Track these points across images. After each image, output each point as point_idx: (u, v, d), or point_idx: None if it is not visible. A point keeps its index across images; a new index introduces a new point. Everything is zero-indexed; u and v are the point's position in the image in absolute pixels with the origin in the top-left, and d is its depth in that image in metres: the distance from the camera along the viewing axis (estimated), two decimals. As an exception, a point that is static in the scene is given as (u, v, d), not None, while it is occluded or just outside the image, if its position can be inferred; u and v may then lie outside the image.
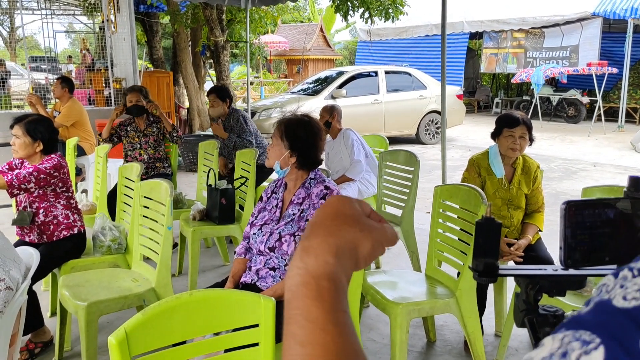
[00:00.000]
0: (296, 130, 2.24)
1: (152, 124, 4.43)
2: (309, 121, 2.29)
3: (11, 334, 1.65)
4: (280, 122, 2.28)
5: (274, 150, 2.25)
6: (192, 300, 1.39)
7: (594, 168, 8.09)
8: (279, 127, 2.26)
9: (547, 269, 0.91)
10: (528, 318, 0.88)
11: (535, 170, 2.98)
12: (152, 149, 4.40)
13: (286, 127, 2.24)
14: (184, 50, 9.78)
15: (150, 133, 4.42)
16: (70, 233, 2.88)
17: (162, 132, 4.43)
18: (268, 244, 2.19)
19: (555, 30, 13.66)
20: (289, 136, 2.22)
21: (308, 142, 2.25)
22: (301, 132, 2.24)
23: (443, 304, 2.50)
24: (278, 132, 2.25)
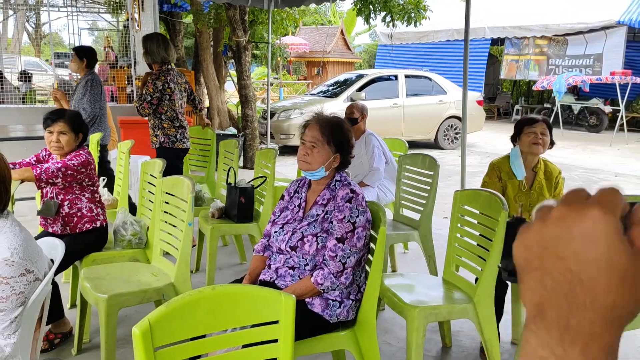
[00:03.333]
0: (342, 133, 2.24)
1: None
2: (345, 123, 2.30)
3: (35, 322, 1.69)
4: (322, 126, 2.21)
5: (319, 154, 2.19)
6: (214, 295, 1.41)
7: (615, 178, 7.98)
8: (322, 132, 2.20)
9: None
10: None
11: (557, 175, 2.95)
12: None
13: (332, 131, 2.21)
14: (206, 49, 9.88)
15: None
16: (93, 226, 2.93)
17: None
18: (290, 243, 2.20)
19: (579, 38, 13.50)
20: (336, 140, 2.21)
21: (350, 145, 2.26)
22: (346, 135, 2.25)
23: (460, 309, 2.49)
24: (322, 136, 2.19)
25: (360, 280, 2.24)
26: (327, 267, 2.10)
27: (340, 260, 2.10)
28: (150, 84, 4.05)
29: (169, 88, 4.08)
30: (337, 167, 2.27)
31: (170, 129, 4.25)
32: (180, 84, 4.26)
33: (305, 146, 2.22)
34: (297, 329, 2.06)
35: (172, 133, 4.25)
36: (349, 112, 4.24)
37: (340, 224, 2.12)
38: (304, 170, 2.24)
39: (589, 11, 13.47)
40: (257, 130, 8.06)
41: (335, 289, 2.13)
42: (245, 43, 7.62)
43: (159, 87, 4.05)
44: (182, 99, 4.30)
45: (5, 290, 1.56)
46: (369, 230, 2.20)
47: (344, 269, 2.10)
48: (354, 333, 2.21)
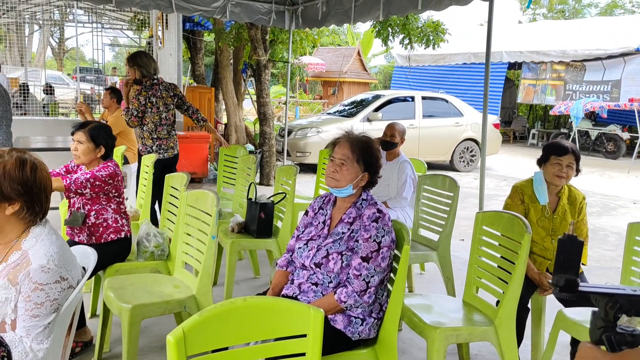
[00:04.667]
0: (371, 153, 2.26)
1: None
2: (374, 143, 2.33)
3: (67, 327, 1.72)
4: (352, 145, 2.23)
5: (348, 172, 2.21)
6: (245, 306, 1.43)
7: (633, 205, 7.90)
8: (352, 150, 2.22)
9: (625, 289, 0.94)
10: (606, 335, 0.91)
11: (582, 201, 2.95)
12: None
13: (361, 150, 2.24)
14: (226, 67, 10.03)
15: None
16: (118, 237, 2.97)
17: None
18: (314, 259, 2.21)
19: (597, 64, 13.50)
20: (366, 159, 2.24)
21: (378, 165, 2.29)
22: (375, 155, 2.27)
23: (481, 331, 2.48)
24: (352, 154, 2.21)
25: (382, 299, 2.24)
26: (350, 285, 2.11)
27: (364, 279, 2.11)
28: (135, 99, 4.39)
29: (150, 102, 4.40)
30: (364, 186, 2.29)
31: (147, 139, 4.57)
32: (166, 98, 4.51)
33: (335, 163, 2.24)
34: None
35: (149, 144, 4.56)
36: (390, 134, 4.16)
37: (366, 243, 2.14)
38: (332, 187, 2.26)
39: (608, 38, 13.50)
40: (274, 147, 8.13)
41: (358, 307, 2.14)
42: (265, 62, 7.73)
43: (142, 101, 4.39)
44: (167, 111, 4.53)
45: (40, 297, 1.59)
46: (393, 250, 2.22)
47: (367, 288, 2.11)
48: (374, 351, 2.21)
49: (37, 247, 1.65)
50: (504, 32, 16.27)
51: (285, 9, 6.54)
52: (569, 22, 20.35)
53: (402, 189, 4.02)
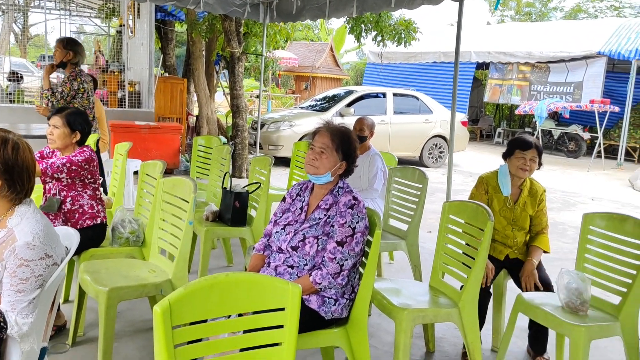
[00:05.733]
0: (349, 143, 2.37)
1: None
2: (352, 133, 2.44)
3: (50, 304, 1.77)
4: (332, 134, 2.33)
5: (327, 160, 2.31)
6: (228, 281, 1.52)
7: (591, 201, 8.25)
8: (332, 139, 2.33)
9: None
10: None
11: (542, 194, 3.13)
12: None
13: (341, 139, 2.35)
14: (198, 59, 9.99)
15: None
16: (94, 222, 3.00)
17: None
18: (291, 243, 2.31)
19: (561, 66, 13.96)
20: (344, 148, 2.34)
21: (355, 154, 2.40)
22: (353, 145, 2.39)
23: (446, 312, 2.62)
24: (332, 143, 2.32)
25: (354, 281, 2.36)
26: (325, 267, 2.22)
27: (339, 262, 2.22)
28: (68, 83, 4.46)
29: (82, 88, 4.51)
30: (340, 174, 2.40)
31: None
32: (90, 86, 4.66)
33: (314, 151, 2.34)
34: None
35: None
36: (359, 128, 4.29)
37: (342, 228, 2.25)
38: (311, 174, 2.36)
39: (571, 41, 13.96)
40: (247, 139, 8.17)
41: (332, 288, 2.25)
42: (239, 54, 7.76)
43: (75, 86, 4.48)
44: (90, 99, 4.68)
45: (25, 272, 1.64)
46: (366, 235, 2.33)
47: (341, 270, 2.22)
48: (346, 331, 2.33)
49: (23, 225, 1.70)
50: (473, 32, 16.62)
51: (260, 2, 6.58)
52: (536, 24, 20.92)
53: (372, 181, 4.15)
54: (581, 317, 2.58)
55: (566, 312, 2.62)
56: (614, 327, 2.57)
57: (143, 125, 7.40)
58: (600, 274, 2.76)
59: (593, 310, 2.68)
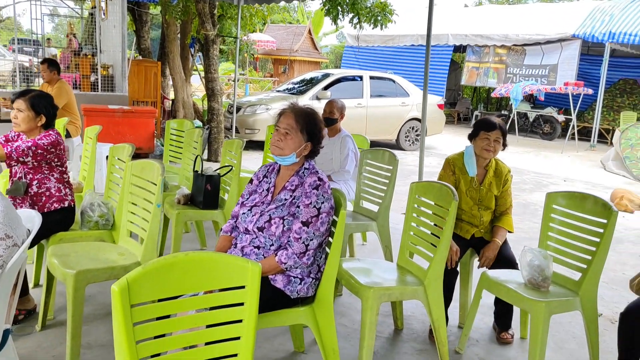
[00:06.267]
0: (315, 124, 2.39)
1: None
2: (317, 115, 2.45)
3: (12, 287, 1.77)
4: (297, 115, 2.35)
5: (292, 141, 2.33)
6: (187, 260, 1.53)
7: (563, 182, 8.42)
8: (297, 120, 2.34)
9: None
10: None
11: (506, 174, 3.19)
12: None
13: (305, 120, 2.36)
14: (173, 41, 9.85)
15: None
16: (61, 206, 2.98)
17: None
18: (257, 224, 2.33)
19: (536, 49, 14.09)
20: (309, 129, 2.36)
21: (320, 135, 2.42)
22: (318, 126, 2.40)
23: (412, 290, 2.68)
24: (296, 124, 2.34)
25: (320, 261, 2.39)
26: (291, 247, 2.25)
27: (304, 242, 2.25)
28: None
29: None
30: (306, 156, 2.42)
31: None
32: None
33: (279, 132, 2.35)
34: (260, 303, 2.21)
35: None
36: (329, 111, 4.30)
37: (307, 208, 2.27)
38: (276, 155, 2.37)
39: (547, 23, 14.08)
40: (222, 123, 8.12)
41: (297, 268, 2.28)
42: (213, 37, 7.67)
43: None
44: None
45: (-16, 254, 1.64)
46: (332, 216, 2.36)
47: (306, 250, 2.25)
48: (312, 309, 2.37)
49: (-19, 207, 1.68)
50: (450, 15, 16.67)
51: (234, -17, 6.51)
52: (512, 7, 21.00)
53: (344, 163, 4.18)
54: (542, 293, 2.66)
55: (528, 288, 2.70)
56: (574, 302, 2.66)
57: (116, 109, 7.30)
58: (562, 251, 2.85)
59: (554, 286, 2.76)
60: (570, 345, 3.12)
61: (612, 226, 2.60)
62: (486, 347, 3.04)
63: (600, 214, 2.66)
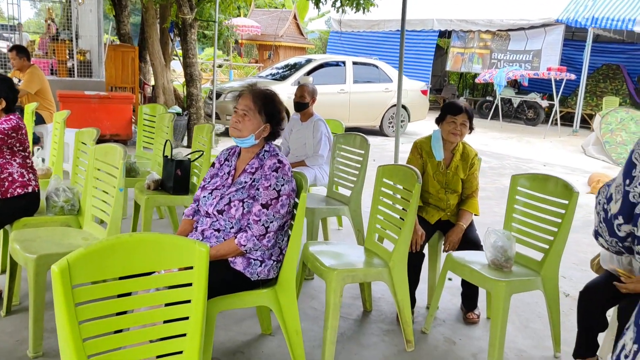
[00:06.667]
0: (274, 105, 2.38)
1: None
2: (277, 96, 2.44)
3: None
4: (255, 96, 2.34)
5: (250, 122, 2.31)
6: (131, 241, 1.53)
7: (543, 167, 8.48)
8: (254, 101, 2.33)
9: None
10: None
11: (473, 157, 3.20)
12: None
13: (264, 101, 2.35)
14: (152, 26, 9.71)
15: None
16: (25, 191, 2.95)
17: None
18: (217, 207, 2.32)
19: (520, 34, 14.10)
20: (267, 110, 2.35)
21: (281, 117, 2.41)
22: (277, 107, 2.39)
23: (376, 272, 2.69)
24: (254, 105, 2.32)
25: (282, 244, 2.39)
26: (250, 230, 2.25)
27: (264, 224, 2.25)
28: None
29: None
30: (266, 138, 2.40)
31: None
32: None
33: (237, 114, 2.34)
34: (220, 286, 2.22)
35: None
36: (300, 95, 4.29)
37: (266, 191, 2.27)
38: (235, 137, 2.36)
39: (531, 8, 14.07)
40: (202, 109, 8.06)
41: (257, 250, 2.28)
42: (191, 21, 7.58)
43: None
44: None
45: None
46: (293, 198, 2.36)
47: (266, 232, 2.25)
48: (274, 291, 2.37)
49: None
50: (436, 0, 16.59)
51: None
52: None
53: (318, 147, 4.17)
54: (505, 273, 2.69)
55: (491, 269, 2.73)
56: (535, 281, 2.69)
57: (93, 95, 7.21)
58: (526, 232, 2.88)
59: (517, 266, 2.79)
60: (535, 325, 3.16)
61: (573, 207, 2.63)
62: (452, 327, 3.07)
63: (561, 194, 2.69)
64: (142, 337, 1.59)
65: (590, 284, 2.50)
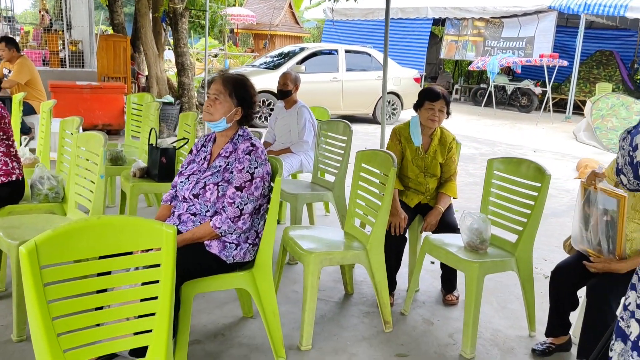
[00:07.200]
0: (244, 88, 2.43)
1: None
2: (248, 80, 2.48)
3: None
4: (225, 80, 2.39)
5: (221, 106, 2.37)
6: (100, 223, 1.58)
7: (533, 153, 8.53)
8: (225, 85, 2.38)
9: None
10: None
11: (451, 142, 3.25)
12: None
13: (234, 85, 2.40)
14: (144, 16, 9.69)
15: None
16: (9, 179, 2.99)
17: None
18: (193, 191, 2.38)
19: (514, 21, 14.08)
20: (238, 94, 2.39)
21: (252, 100, 2.45)
22: (248, 91, 2.44)
23: (353, 254, 2.75)
24: (225, 89, 2.37)
25: (258, 227, 2.44)
26: (225, 212, 2.30)
27: (238, 206, 2.30)
28: None
29: None
30: (240, 122, 2.45)
31: None
32: None
33: (209, 98, 2.39)
34: (196, 269, 2.28)
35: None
36: (282, 83, 4.33)
37: (240, 174, 2.32)
38: (207, 122, 2.41)
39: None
40: (194, 99, 8.08)
41: (233, 233, 2.33)
42: (182, 10, 7.58)
43: None
44: None
45: None
46: (268, 181, 2.41)
47: (241, 214, 2.30)
48: (251, 274, 2.43)
49: None
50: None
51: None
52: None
53: (302, 133, 4.22)
54: (480, 254, 2.75)
55: (467, 251, 2.78)
56: (508, 262, 2.75)
57: (85, 85, 7.23)
58: (501, 214, 2.93)
59: (492, 248, 2.85)
60: (513, 306, 3.23)
61: (546, 189, 2.68)
62: (431, 309, 3.14)
63: (534, 177, 2.74)
64: (110, 317, 1.64)
65: (562, 263, 2.56)
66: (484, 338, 2.84)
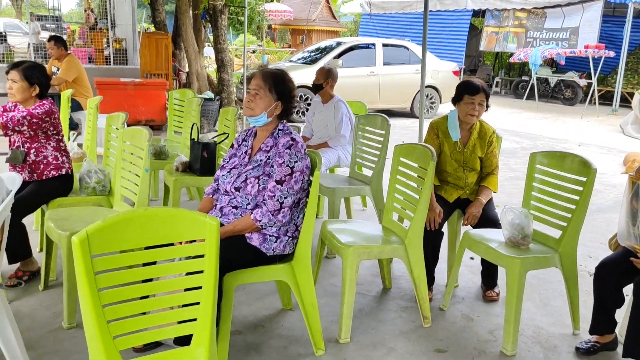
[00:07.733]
0: (284, 83, 2.46)
1: None
2: (287, 75, 2.51)
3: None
4: (265, 75, 2.43)
5: (261, 100, 2.41)
6: (146, 214, 1.63)
7: (578, 147, 8.28)
8: (264, 80, 2.42)
9: None
10: None
11: (491, 135, 3.19)
12: None
13: (274, 80, 2.44)
14: (185, 13, 9.88)
15: None
16: (59, 173, 3.12)
17: None
18: (235, 184, 2.43)
19: (557, 11, 13.65)
20: (278, 89, 2.43)
21: (292, 95, 2.49)
22: (287, 85, 2.47)
23: (391, 249, 2.75)
24: (265, 84, 2.42)
25: (298, 220, 2.47)
26: (265, 205, 2.33)
27: (278, 200, 2.33)
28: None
29: None
30: (279, 116, 2.48)
31: None
32: None
33: (250, 94, 2.43)
34: (237, 260, 2.32)
35: None
36: (315, 78, 4.39)
37: (280, 167, 2.35)
38: (248, 117, 2.45)
39: (569, -16, 13.59)
40: (233, 94, 8.20)
41: (273, 226, 2.37)
42: (221, 7, 7.69)
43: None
44: None
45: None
46: (307, 175, 2.43)
47: (281, 207, 2.34)
48: (291, 267, 2.46)
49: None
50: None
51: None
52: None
53: (339, 128, 4.23)
54: (521, 250, 2.70)
55: (508, 246, 2.74)
56: (551, 258, 2.69)
57: (128, 82, 7.44)
58: (544, 209, 2.87)
59: (535, 244, 2.79)
60: (556, 303, 3.16)
61: (591, 184, 2.61)
62: (471, 305, 3.10)
63: (579, 172, 2.67)
64: (156, 305, 1.69)
65: (607, 259, 2.49)
66: (525, 335, 2.79)
